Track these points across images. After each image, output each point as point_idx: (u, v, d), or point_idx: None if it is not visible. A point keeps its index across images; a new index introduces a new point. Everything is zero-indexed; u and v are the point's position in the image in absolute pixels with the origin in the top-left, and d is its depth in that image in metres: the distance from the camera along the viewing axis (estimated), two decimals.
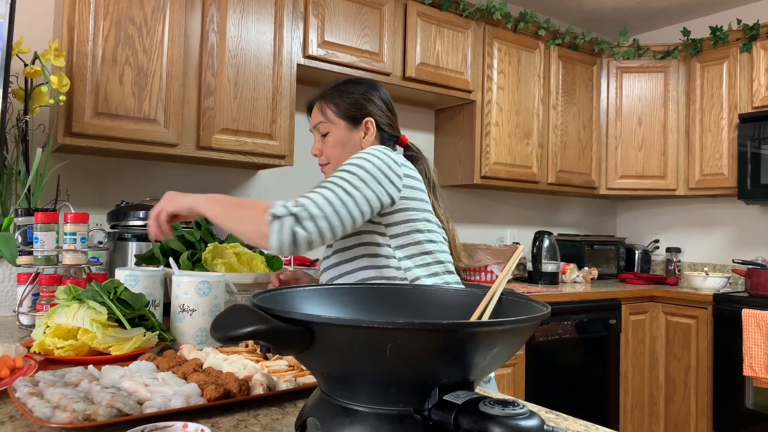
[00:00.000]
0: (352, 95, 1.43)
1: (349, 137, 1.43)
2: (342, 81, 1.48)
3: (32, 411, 0.74)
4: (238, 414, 0.81)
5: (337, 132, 1.42)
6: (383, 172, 1.23)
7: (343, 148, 1.42)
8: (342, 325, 0.58)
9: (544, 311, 0.67)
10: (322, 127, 1.44)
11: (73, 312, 1.12)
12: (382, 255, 1.30)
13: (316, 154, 1.47)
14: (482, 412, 0.55)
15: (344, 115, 1.42)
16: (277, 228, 1.08)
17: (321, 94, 1.46)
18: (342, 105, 1.42)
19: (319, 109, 1.45)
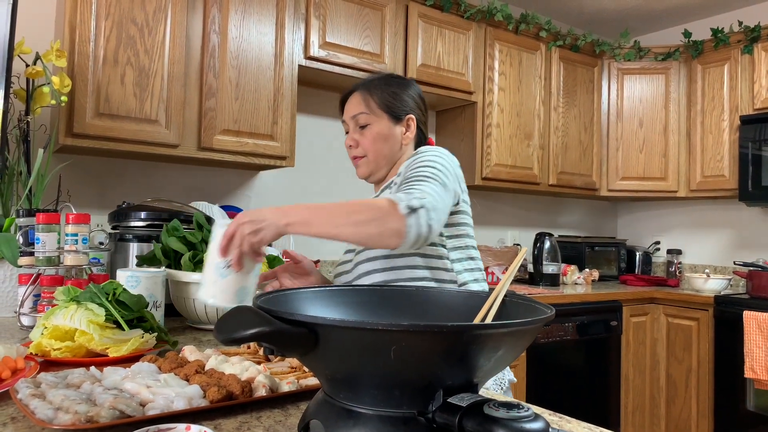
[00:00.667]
0: (397, 90, 1.41)
1: (391, 132, 1.39)
2: (384, 75, 1.46)
3: (34, 413, 0.73)
4: (240, 416, 0.81)
5: (379, 125, 1.38)
6: (455, 172, 1.24)
7: (384, 142, 1.38)
8: (346, 327, 0.58)
9: (549, 313, 0.67)
10: (362, 118, 1.39)
11: (70, 313, 1.12)
12: (435, 256, 1.28)
13: (352, 145, 1.41)
14: (487, 415, 0.55)
15: (388, 109, 1.39)
16: (414, 221, 1.03)
17: (363, 85, 1.43)
18: (387, 98, 1.39)
19: (362, 100, 1.40)
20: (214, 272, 1.06)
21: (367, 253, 1.30)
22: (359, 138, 1.40)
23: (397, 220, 1.03)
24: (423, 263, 1.27)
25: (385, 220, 1.03)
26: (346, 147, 1.44)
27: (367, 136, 1.39)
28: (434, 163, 1.20)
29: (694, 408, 3.05)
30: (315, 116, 2.87)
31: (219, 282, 1.06)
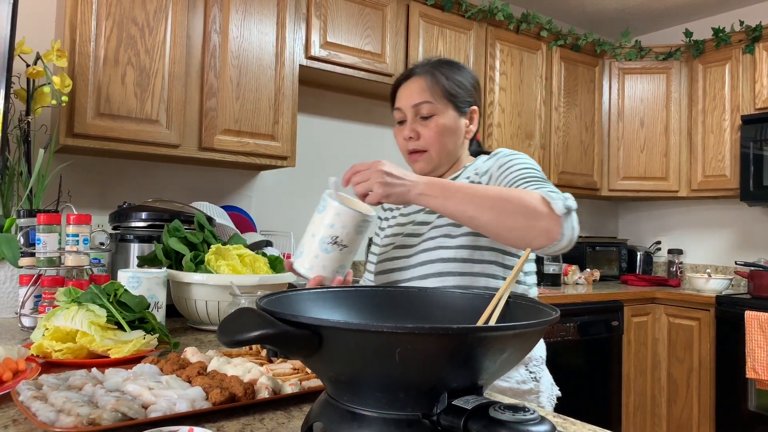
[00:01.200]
0: (462, 79, 1.27)
1: (457, 125, 1.26)
2: (445, 60, 1.30)
3: (36, 415, 0.73)
4: (243, 418, 0.80)
5: (445, 117, 1.24)
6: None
7: (450, 136, 1.25)
8: (350, 330, 0.58)
9: (554, 315, 0.67)
10: (426, 107, 1.24)
11: (71, 314, 1.11)
12: (510, 266, 1.18)
13: (412, 137, 1.25)
14: (492, 418, 0.55)
15: (454, 99, 1.25)
16: (569, 224, 0.95)
17: (427, 69, 1.27)
18: (454, 87, 1.25)
19: (426, 86, 1.24)
20: (318, 246, 1.03)
21: (440, 252, 1.18)
22: (421, 129, 1.24)
23: (550, 219, 0.94)
24: (501, 273, 1.17)
25: (537, 216, 0.94)
26: (403, 139, 1.27)
27: (431, 128, 1.24)
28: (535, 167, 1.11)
29: (695, 408, 3.04)
30: (316, 116, 2.86)
31: (321, 256, 1.03)
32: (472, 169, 1.28)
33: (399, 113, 1.28)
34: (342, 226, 1.03)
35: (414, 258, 1.22)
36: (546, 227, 0.94)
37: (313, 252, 1.03)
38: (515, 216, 0.95)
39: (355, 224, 1.03)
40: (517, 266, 0.80)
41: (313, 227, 1.03)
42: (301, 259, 1.03)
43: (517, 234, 0.96)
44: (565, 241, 0.95)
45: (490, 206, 0.96)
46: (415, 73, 1.28)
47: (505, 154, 1.20)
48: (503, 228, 0.96)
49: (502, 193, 0.98)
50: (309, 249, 1.03)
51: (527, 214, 0.95)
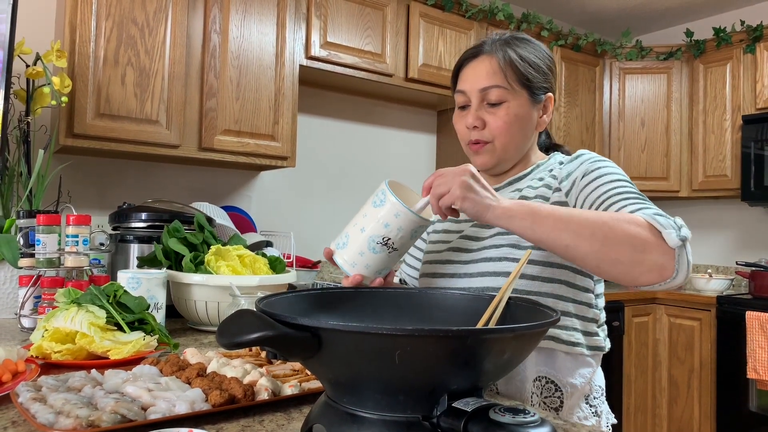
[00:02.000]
0: (538, 61, 1.10)
1: (530, 115, 1.09)
2: (519, 36, 1.12)
3: (35, 417, 0.73)
4: (242, 420, 0.80)
5: (518, 104, 1.07)
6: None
7: (521, 127, 1.08)
8: (350, 332, 0.57)
9: (554, 316, 0.66)
10: (496, 93, 1.07)
11: (71, 315, 1.11)
12: (582, 288, 1.07)
13: (476, 126, 1.09)
14: (492, 420, 0.54)
15: (529, 84, 1.08)
16: (685, 259, 0.82)
17: (498, 47, 1.09)
18: (529, 70, 1.08)
19: (499, 68, 1.07)
20: (366, 243, 0.91)
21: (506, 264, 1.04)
22: (489, 118, 1.08)
23: (662, 252, 0.81)
24: (571, 295, 1.05)
25: (646, 249, 0.81)
26: (465, 126, 1.11)
27: (500, 117, 1.07)
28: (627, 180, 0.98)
29: (696, 409, 3.04)
30: (316, 116, 2.86)
31: (367, 255, 0.92)
32: (545, 168, 1.13)
33: (462, 97, 1.11)
34: (398, 228, 0.91)
35: (472, 266, 1.08)
36: (657, 262, 0.81)
37: (358, 248, 0.92)
38: (620, 247, 0.82)
39: (412, 229, 0.92)
40: (518, 266, 0.79)
41: (364, 220, 0.91)
42: (344, 251, 0.93)
43: (622, 269, 0.83)
44: (680, 278, 0.82)
45: (590, 234, 0.83)
46: (485, 51, 1.09)
47: (591, 159, 1.04)
48: (606, 261, 0.83)
49: (602, 218, 0.84)
50: (354, 243, 0.92)
51: (635, 245, 0.82)
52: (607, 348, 1.12)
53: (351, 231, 0.94)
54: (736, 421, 2.84)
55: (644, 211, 0.87)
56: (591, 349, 1.08)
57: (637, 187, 0.98)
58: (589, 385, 1.10)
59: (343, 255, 0.94)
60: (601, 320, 1.11)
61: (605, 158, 1.05)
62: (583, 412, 1.09)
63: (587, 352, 1.07)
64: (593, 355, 1.09)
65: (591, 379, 1.10)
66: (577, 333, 1.07)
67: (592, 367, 1.09)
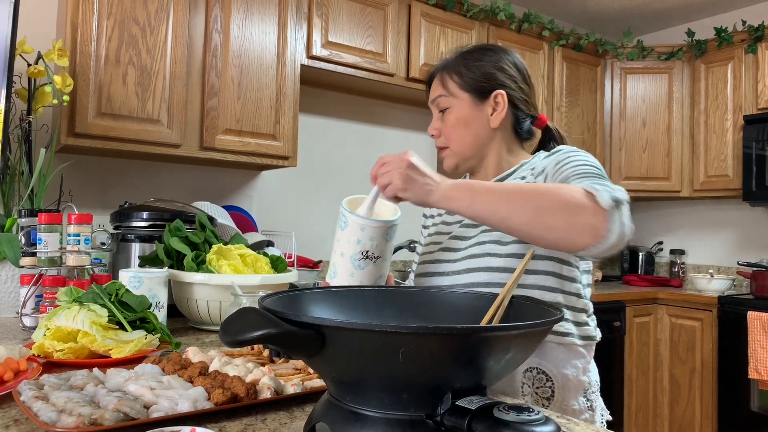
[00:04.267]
0: (481, 63, 1.18)
1: (474, 114, 1.17)
2: (470, 48, 1.23)
3: (38, 415, 0.73)
4: (245, 418, 0.80)
5: (459, 108, 1.17)
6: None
7: (465, 127, 1.17)
8: (354, 329, 0.57)
9: (558, 315, 0.66)
10: (442, 101, 1.19)
11: (73, 314, 1.11)
12: (569, 278, 1.09)
13: (434, 135, 1.21)
14: (497, 418, 0.54)
15: (469, 87, 1.17)
16: (619, 219, 0.82)
17: (444, 64, 1.22)
18: (467, 75, 1.17)
19: (440, 81, 1.20)
20: (351, 264, 0.96)
21: (488, 260, 1.07)
22: (440, 126, 1.20)
23: (595, 213, 0.82)
24: (557, 285, 1.07)
25: (579, 211, 0.83)
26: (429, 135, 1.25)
27: (447, 123, 1.18)
28: (595, 164, 1.00)
29: (697, 409, 3.04)
30: (317, 116, 2.86)
31: (357, 273, 0.97)
32: (528, 167, 1.17)
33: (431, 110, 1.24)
34: (369, 239, 0.96)
35: (459, 264, 1.13)
36: (590, 223, 0.82)
37: (347, 271, 0.97)
38: (554, 213, 0.84)
39: (381, 234, 0.97)
40: (521, 265, 0.79)
41: (340, 246, 0.97)
42: (337, 279, 0.98)
43: (558, 234, 0.85)
44: (613, 237, 0.82)
45: (524, 204, 0.85)
46: (438, 70, 1.23)
47: (565, 151, 1.07)
48: (541, 228, 0.85)
49: (537, 188, 0.87)
50: (342, 268, 0.97)
51: (568, 209, 0.83)
52: (598, 337, 1.15)
53: (335, 259, 0.99)
54: (737, 421, 2.84)
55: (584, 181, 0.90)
56: (582, 338, 1.12)
57: (604, 171, 0.99)
58: (584, 378, 1.12)
59: (339, 282, 0.98)
60: (590, 310, 1.14)
61: (581, 150, 1.07)
62: (579, 406, 1.11)
63: (579, 342, 1.11)
64: (585, 345, 1.12)
65: (585, 372, 1.12)
66: (567, 323, 1.10)
67: (584, 357, 1.12)
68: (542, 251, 1.06)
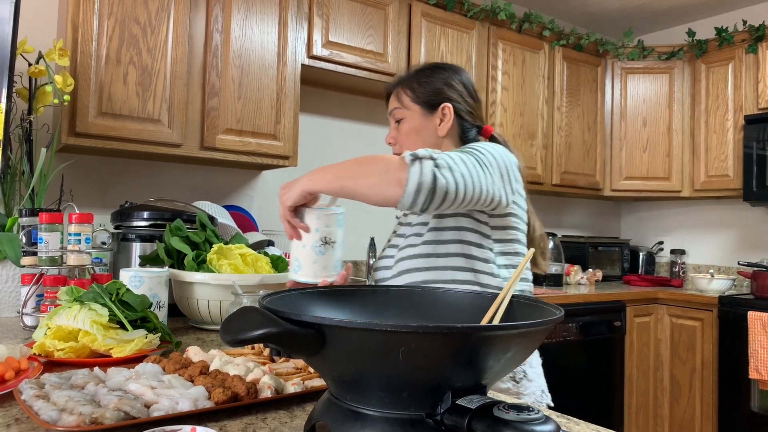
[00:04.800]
0: (431, 80, 1.35)
1: (423, 124, 1.34)
2: (423, 66, 1.40)
3: (38, 414, 0.73)
4: (245, 417, 0.80)
5: (411, 118, 1.34)
6: (508, 169, 1.15)
7: (416, 135, 1.34)
8: (354, 328, 0.57)
9: (558, 314, 0.66)
10: (397, 113, 1.37)
11: (74, 314, 1.11)
12: (479, 258, 1.22)
13: (391, 143, 1.39)
14: (497, 417, 0.54)
15: (420, 100, 1.34)
16: (416, 170, 0.98)
17: (399, 80, 1.39)
18: (417, 89, 1.35)
19: (396, 95, 1.38)
20: (313, 251, 1.09)
21: (408, 250, 1.26)
22: (396, 135, 1.37)
23: (400, 168, 0.99)
24: (466, 265, 1.21)
25: (389, 169, 1.00)
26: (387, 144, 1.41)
27: (402, 132, 1.35)
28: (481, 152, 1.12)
29: (697, 409, 3.04)
30: (318, 116, 2.86)
31: (319, 260, 1.10)
32: None
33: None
34: (326, 225, 1.12)
35: (394, 258, 1.31)
36: (397, 177, 0.99)
37: (310, 258, 1.10)
38: (374, 174, 1.01)
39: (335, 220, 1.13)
40: (520, 266, 0.80)
41: (301, 241, 1.11)
42: (302, 271, 1.11)
43: (376, 189, 1.01)
44: (412, 184, 0.97)
45: (353, 173, 1.03)
46: (394, 86, 1.40)
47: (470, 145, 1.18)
48: (365, 186, 1.01)
49: (365, 158, 1.05)
50: (305, 258, 1.11)
51: (383, 170, 1.01)
52: None
53: (296, 254, 1.11)
54: (737, 422, 2.84)
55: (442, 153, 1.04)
56: None
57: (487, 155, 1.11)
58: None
59: (305, 272, 1.11)
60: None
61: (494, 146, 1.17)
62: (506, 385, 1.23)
63: None
64: None
65: None
66: None
67: None
68: (450, 236, 1.22)
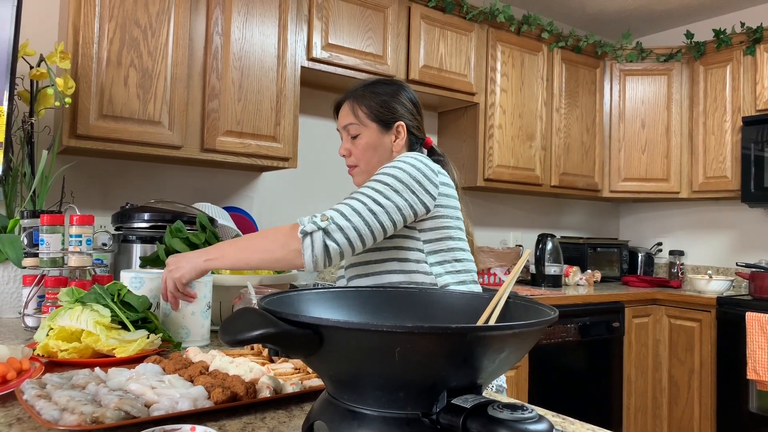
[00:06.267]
0: (383, 97, 1.40)
1: (380, 141, 1.40)
2: (371, 81, 1.46)
3: (40, 413, 0.74)
4: (245, 417, 0.81)
5: (368, 135, 1.40)
6: (419, 181, 1.24)
7: (374, 151, 1.40)
8: (351, 329, 0.58)
9: (552, 315, 0.67)
10: (352, 128, 1.41)
11: (76, 314, 1.12)
12: (412, 260, 1.29)
13: (345, 155, 1.44)
14: (491, 416, 0.55)
15: (376, 118, 1.39)
16: (308, 244, 1.11)
17: (351, 95, 1.43)
18: (374, 107, 1.39)
19: (351, 110, 1.42)
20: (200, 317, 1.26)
21: (353, 259, 1.32)
22: (351, 148, 1.42)
23: (295, 243, 1.12)
24: (398, 267, 1.28)
25: (288, 243, 1.12)
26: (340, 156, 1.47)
27: (358, 146, 1.41)
28: (388, 177, 1.22)
29: (696, 409, 3.04)
30: (317, 117, 2.87)
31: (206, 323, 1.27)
32: None
33: (339, 133, 1.46)
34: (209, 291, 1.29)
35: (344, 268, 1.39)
36: (296, 249, 1.12)
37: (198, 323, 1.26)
38: (275, 250, 1.14)
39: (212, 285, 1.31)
40: (516, 267, 0.81)
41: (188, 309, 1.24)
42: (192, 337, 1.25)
43: (283, 261, 1.14)
44: (308, 259, 1.12)
45: (255, 249, 1.16)
46: (347, 97, 1.44)
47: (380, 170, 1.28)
48: (271, 261, 1.15)
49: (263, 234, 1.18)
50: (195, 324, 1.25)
51: (281, 244, 1.13)
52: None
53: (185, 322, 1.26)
54: (736, 422, 2.85)
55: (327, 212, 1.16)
56: None
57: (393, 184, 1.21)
58: None
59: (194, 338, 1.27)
60: (441, 284, 1.29)
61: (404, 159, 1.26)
62: None
63: None
64: None
65: None
66: None
67: None
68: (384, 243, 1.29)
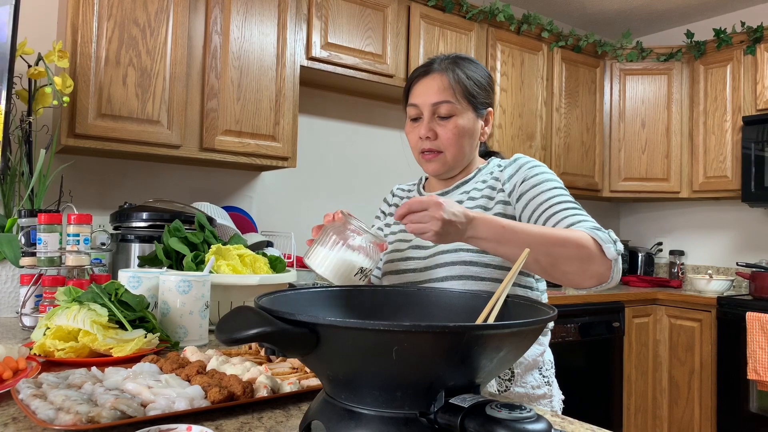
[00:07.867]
0: (482, 80, 1.21)
1: (475, 128, 1.21)
2: (464, 56, 1.23)
3: (35, 413, 0.73)
4: (242, 416, 0.81)
5: (466, 118, 1.19)
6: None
7: (468, 138, 1.20)
8: (348, 328, 0.58)
9: (551, 314, 0.67)
10: (446, 107, 1.17)
11: (73, 314, 1.11)
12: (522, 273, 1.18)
13: (429, 137, 1.19)
14: (489, 416, 0.55)
15: (474, 100, 1.20)
16: (617, 268, 1.00)
17: (448, 65, 1.19)
18: (474, 88, 1.19)
19: (449, 85, 1.18)
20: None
21: (445, 257, 1.15)
22: (439, 130, 1.18)
23: (602, 264, 0.98)
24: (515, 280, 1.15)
25: (590, 261, 0.98)
26: (418, 137, 1.21)
27: (450, 129, 1.18)
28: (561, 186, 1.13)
29: (696, 410, 3.04)
30: (317, 117, 2.87)
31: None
32: (486, 172, 1.25)
33: (414, 110, 1.21)
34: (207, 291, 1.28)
35: (432, 259, 1.17)
36: (598, 271, 0.99)
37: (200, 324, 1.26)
38: (570, 261, 0.98)
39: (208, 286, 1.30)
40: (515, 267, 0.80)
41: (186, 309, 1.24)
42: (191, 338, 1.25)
43: (571, 278, 1.00)
44: (612, 284, 1.01)
45: (546, 252, 0.97)
46: (435, 70, 1.20)
47: (528, 164, 1.17)
48: (558, 272, 1.00)
49: (555, 236, 0.98)
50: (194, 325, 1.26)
51: (582, 258, 0.98)
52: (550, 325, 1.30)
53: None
54: (736, 422, 2.84)
55: (583, 224, 1.04)
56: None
57: (568, 192, 1.14)
58: (539, 358, 1.22)
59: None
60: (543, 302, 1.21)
61: (540, 163, 1.19)
62: (536, 381, 1.22)
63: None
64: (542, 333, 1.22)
65: (541, 354, 1.23)
66: None
67: (542, 345, 1.24)
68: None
